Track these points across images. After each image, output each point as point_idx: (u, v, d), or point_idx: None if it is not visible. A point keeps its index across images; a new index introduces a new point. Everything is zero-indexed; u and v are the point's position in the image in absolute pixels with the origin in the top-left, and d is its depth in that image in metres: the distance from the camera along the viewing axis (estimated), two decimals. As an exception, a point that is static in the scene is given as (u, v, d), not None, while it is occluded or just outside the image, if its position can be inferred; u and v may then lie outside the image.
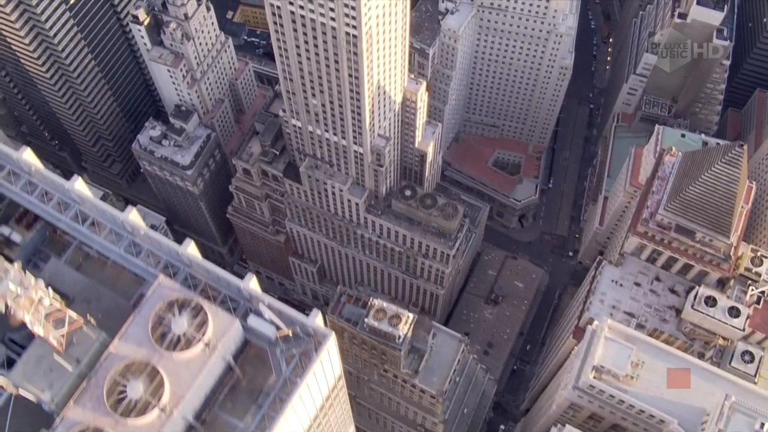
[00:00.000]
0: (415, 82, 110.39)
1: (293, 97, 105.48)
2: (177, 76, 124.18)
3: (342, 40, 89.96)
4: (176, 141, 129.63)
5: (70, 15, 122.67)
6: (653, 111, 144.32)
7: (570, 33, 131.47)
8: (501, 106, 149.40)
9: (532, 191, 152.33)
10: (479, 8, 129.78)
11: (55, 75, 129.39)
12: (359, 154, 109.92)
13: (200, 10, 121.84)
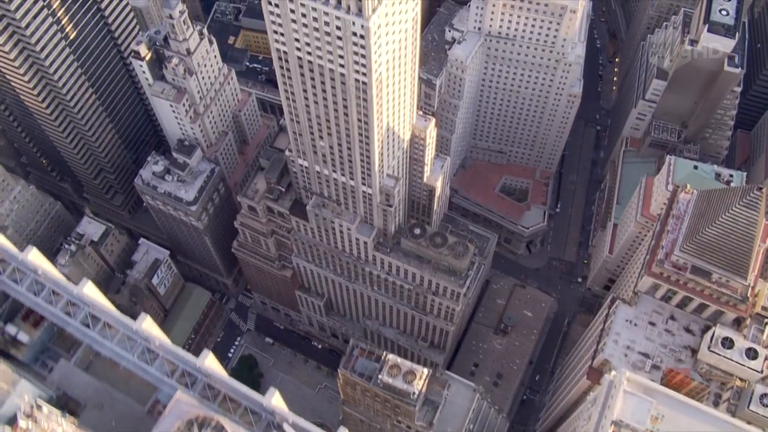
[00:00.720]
0: (424, 119, 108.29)
1: (300, 138, 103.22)
2: (180, 111, 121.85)
3: (351, 86, 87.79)
4: (179, 176, 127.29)
5: (70, 51, 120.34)
6: (662, 136, 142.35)
7: (579, 62, 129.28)
8: (508, 133, 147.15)
9: (540, 218, 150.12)
10: (486, 37, 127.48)
11: (56, 110, 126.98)
12: (368, 195, 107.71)
13: (203, 44, 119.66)
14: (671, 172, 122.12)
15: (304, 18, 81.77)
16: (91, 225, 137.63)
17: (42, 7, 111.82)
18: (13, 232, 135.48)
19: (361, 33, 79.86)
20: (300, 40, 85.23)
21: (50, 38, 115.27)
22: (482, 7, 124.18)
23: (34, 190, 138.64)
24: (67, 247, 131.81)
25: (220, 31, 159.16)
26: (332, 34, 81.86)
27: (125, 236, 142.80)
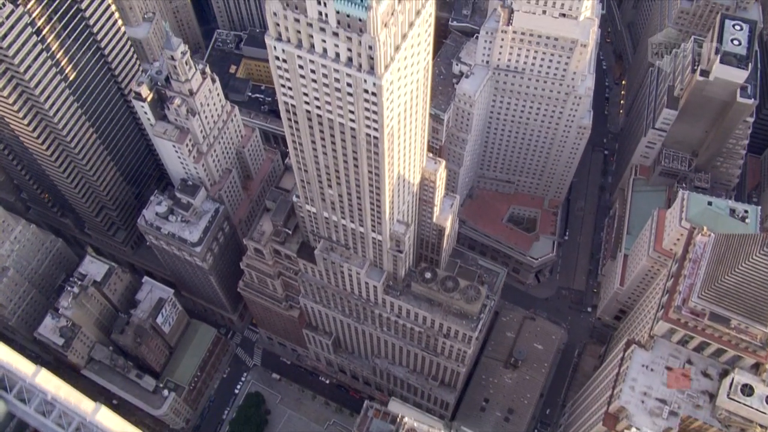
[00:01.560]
0: (434, 162, 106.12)
1: (308, 185, 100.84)
2: (183, 151, 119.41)
3: (362, 140, 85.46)
4: (183, 216, 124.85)
5: (70, 92, 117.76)
6: (673, 165, 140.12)
7: (589, 94, 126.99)
8: (516, 163, 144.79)
9: (549, 248, 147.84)
10: (495, 71, 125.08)
11: (56, 151, 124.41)
12: (378, 241, 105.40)
13: (205, 83, 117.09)
14: (684, 208, 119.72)
15: (313, 74, 79.39)
16: (94, 264, 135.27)
17: (41, 50, 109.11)
18: (14, 273, 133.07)
19: (374, 90, 77.50)
20: (309, 95, 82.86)
21: (49, 81, 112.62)
22: (490, 41, 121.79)
23: (35, 229, 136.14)
24: (69, 290, 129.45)
25: (221, 59, 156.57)
26: (343, 90, 79.52)
27: (128, 274, 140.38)
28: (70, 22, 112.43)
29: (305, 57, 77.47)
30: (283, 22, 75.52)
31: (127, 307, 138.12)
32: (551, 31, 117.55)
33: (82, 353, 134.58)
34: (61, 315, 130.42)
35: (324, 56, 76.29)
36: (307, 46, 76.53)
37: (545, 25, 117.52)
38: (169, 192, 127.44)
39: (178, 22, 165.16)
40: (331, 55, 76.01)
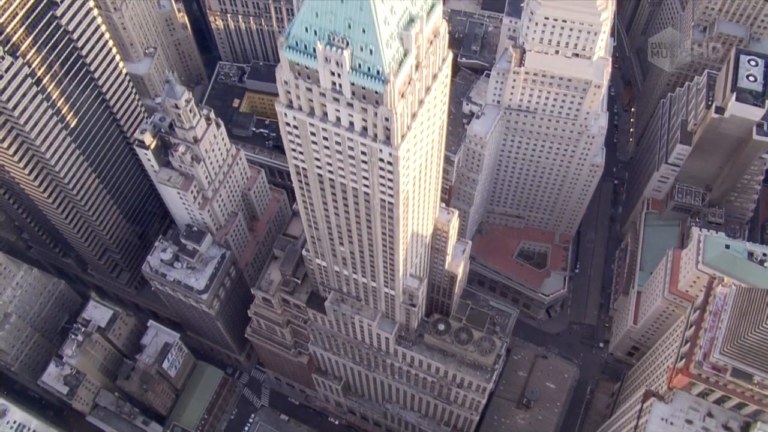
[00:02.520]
0: (447, 212, 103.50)
1: (318, 242, 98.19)
2: (188, 198, 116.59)
3: (376, 205, 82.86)
4: (189, 263, 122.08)
5: (71, 139, 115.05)
6: (686, 200, 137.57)
7: (602, 133, 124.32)
8: (527, 200, 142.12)
9: (561, 284, 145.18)
10: (506, 110, 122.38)
11: (57, 198, 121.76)
12: (390, 295, 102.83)
13: (210, 129, 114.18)
14: (701, 251, 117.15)
15: (326, 141, 76.73)
16: (98, 310, 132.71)
17: (41, 100, 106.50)
18: (17, 319, 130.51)
19: (389, 160, 74.93)
20: (321, 160, 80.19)
21: (50, 130, 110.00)
22: (502, 81, 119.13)
23: (37, 273, 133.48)
24: (73, 338, 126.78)
25: (223, 93, 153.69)
26: (357, 158, 76.92)
27: (133, 318, 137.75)
28: (72, 68, 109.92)
29: (318, 125, 74.82)
30: (295, 90, 72.68)
31: (133, 351, 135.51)
32: (564, 72, 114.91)
33: (87, 400, 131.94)
34: (65, 363, 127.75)
35: (337, 125, 73.66)
36: (319, 114, 73.84)
37: (558, 66, 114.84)
38: (174, 237, 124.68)
39: (180, 54, 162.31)
40: (345, 125, 73.39)
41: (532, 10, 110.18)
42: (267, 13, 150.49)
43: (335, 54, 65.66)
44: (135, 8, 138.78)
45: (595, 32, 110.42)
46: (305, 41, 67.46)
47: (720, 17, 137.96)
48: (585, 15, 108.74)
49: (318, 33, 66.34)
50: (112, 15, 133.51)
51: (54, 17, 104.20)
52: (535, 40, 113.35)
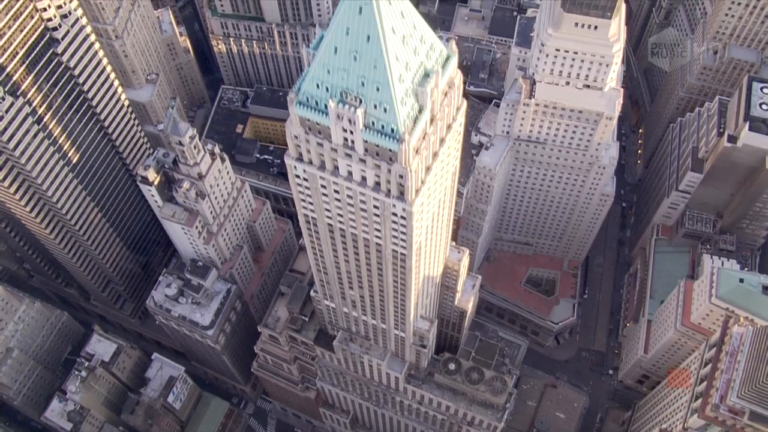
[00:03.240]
0: (458, 251, 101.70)
1: (327, 285, 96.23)
2: (192, 234, 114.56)
3: (388, 255, 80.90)
4: (194, 298, 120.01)
5: (73, 175, 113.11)
6: (697, 227, 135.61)
7: (613, 163, 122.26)
8: (536, 227, 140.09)
9: (570, 312, 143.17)
10: (516, 141, 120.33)
11: (59, 233, 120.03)
12: (400, 337, 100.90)
13: (215, 165, 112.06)
14: (715, 284, 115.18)
15: (337, 194, 74.70)
16: (101, 344, 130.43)
17: (42, 138, 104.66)
18: (19, 353, 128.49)
19: (403, 215, 72.97)
20: (332, 211, 78.17)
21: (51, 168, 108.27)
22: (512, 112, 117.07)
23: (39, 306, 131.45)
24: (77, 373, 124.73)
25: (227, 118, 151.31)
26: (369, 211, 74.97)
27: (137, 351, 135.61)
28: (73, 104, 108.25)
29: (328, 179, 72.79)
30: (305, 145, 70.64)
31: (137, 384, 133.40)
32: (575, 103, 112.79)
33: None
34: (69, 399, 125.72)
35: (349, 180, 71.63)
36: (330, 168, 71.80)
37: (569, 98, 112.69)
38: (178, 266, 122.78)
39: (182, 78, 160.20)
40: (357, 179, 71.40)
41: (543, 42, 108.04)
42: (270, 37, 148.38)
43: (348, 112, 63.68)
44: (137, 35, 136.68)
45: (607, 64, 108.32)
46: (316, 97, 65.49)
47: (731, 41, 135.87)
48: (597, 47, 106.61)
49: (330, 90, 64.39)
50: (113, 43, 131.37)
51: (55, 54, 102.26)
52: (545, 71, 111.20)
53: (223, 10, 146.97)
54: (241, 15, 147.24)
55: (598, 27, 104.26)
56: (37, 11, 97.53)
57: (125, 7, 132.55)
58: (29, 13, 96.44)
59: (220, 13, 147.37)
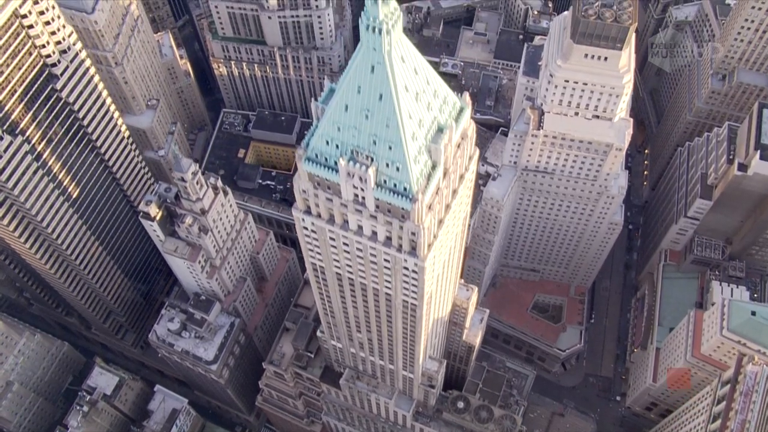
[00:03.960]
0: (466, 289, 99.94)
1: (334, 327, 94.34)
2: (195, 268, 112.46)
3: (398, 305, 79.05)
4: (197, 332, 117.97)
5: (73, 210, 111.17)
6: (706, 254, 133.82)
7: (622, 193, 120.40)
8: (542, 254, 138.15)
9: (577, 339, 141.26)
10: (523, 171, 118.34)
11: (60, 267, 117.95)
12: (408, 378, 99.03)
13: (217, 199, 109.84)
14: (725, 316, 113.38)
15: (346, 246, 72.80)
16: (103, 376, 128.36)
17: (42, 176, 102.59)
18: (19, 386, 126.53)
19: (415, 269, 71.07)
20: (340, 262, 76.29)
21: (51, 204, 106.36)
22: (519, 143, 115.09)
23: (40, 338, 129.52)
24: (79, 408, 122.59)
25: (228, 142, 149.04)
26: (379, 264, 73.08)
27: (139, 382, 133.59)
28: (73, 139, 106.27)
29: (338, 233, 70.86)
30: (314, 199, 68.69)
31: (140, 416, 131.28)
32: (584, 135, 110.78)
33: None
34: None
35: (359, 234, 69.71)
36: (339, 222, 69.91)
37: (578, 129, 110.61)
38: (180, 294, 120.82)
39: (183, 102, 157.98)
40: (367, 234, 69.50)
41: (552, 73, 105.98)
42: (272, 60, 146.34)
43: (359, 170, 61.80)
44: (137, 61, 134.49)
45: (617, 95, 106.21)
46: (326, 154, 63.61)
47: (740, 65, 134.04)
48: (607, 78, 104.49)
49: (340, 147, 62.50)
50: (113, 70, 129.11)
51: (54, 90, 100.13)
52: (554, 101, 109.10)
53: (224, 33, 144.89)
54: (243, 38, 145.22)
55: (608, 58, 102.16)
56: (35, 48, 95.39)
57: (125, 33, 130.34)
58: (28, 50, 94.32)
59: (221, 37, 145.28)
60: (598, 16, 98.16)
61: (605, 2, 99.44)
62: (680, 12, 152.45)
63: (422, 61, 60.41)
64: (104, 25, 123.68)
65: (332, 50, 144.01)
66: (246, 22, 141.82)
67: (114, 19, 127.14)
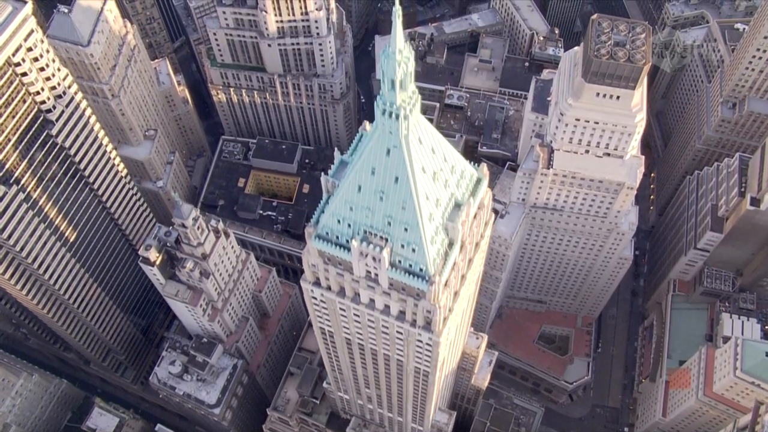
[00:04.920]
0: (476, 337, 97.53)
1: (341, 382, 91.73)
2: (197, 312, 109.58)
3: (410, 371, 76.47)
4: (199, 375, 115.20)
5: (71, 255, 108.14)
6: (716, 285, 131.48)
7: (632, 229, 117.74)
8: (549, 287, 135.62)
9: (584, 371, 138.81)
10: (532, 208, 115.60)
11: (57, 311, 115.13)
12: (418, 430, 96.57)
13: (219, 243, 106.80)
14: (739, 356, 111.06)
15: (357, 317, 70.22)
16: (103, 417, 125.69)
17: (38, 223, 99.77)
18: (17, 428, 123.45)
19: (429, 343, 68.47)
20: (350, 330, 73.71)
21: (48, 251, 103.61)
22: (528, 181, 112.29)
23: (37, 379, 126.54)
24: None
25: (228, 171, 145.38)
26: (391, 336, 70.46)
27: (140, 421, 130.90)
28: (69, 183, 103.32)
29: (348, 305, 68.18)
30: (324, 273, 66.00)
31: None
32: (595, 174, 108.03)
33: None
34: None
35: (371, 308, 67.12)
36: (351, 295, 67.31)
37: (588, 167, 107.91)
38: (180, 329, 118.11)
39: (181, 129, 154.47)
40: (380, 308, 66.91)
41: (562, 111, 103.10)
42: (272, 87, 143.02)
43: (372, 251, 59.07)
44: (134, 91, 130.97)
45: (629, 133, 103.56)
46: (337, 232, 60.91)
47: (750, 94, 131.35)
48: (619, 117, 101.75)
49: (352, 227, 59.79)
50: (109, 102, 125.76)
51: (49, 136, 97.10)
52: (564, 139, 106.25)
53: (222, 60, 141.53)
54: (242, 65, 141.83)
55: (621, 97, 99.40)
56: (29, 95, 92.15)
57: (122, 64, 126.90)
58: (21, 97, 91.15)
59: (219, 64, 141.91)
60: (611, 55, 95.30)
61: (617, 40, 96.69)
62: (687, 36, 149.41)
63: (439, 138, 57.71)
64: (100, 57, 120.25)
65: (333, 77, 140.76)
66: (245, 49, 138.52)
67: (110, 50, 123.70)
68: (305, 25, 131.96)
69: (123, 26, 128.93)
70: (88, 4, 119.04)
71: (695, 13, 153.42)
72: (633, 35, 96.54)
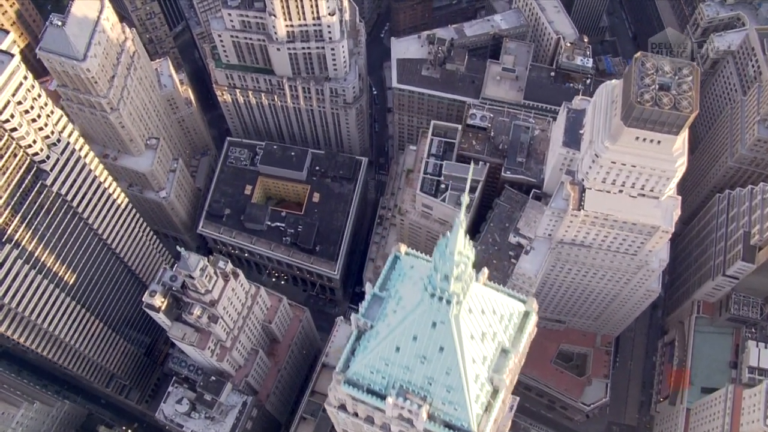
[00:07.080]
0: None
1: None
2: (205, 354, 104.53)
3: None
4: (208, 413, 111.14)
5: (71, 298, 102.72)
6: (743, 312, 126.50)
7: (663, 266, 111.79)
8: (569, 309, 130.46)
9: (602, 392, 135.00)
10: (558, 243, 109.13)
11: (58, 351, 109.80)
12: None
13: (228, 286, 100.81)
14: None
15: None
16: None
17: (35, 275, 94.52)
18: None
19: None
20: None
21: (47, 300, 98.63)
22: (557, 220, 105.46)
23: (39, 406, 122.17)
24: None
25: (234, 177, 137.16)
26: None
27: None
28: (67, 228, 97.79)
29: None
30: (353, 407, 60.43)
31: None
32: (628, 216, 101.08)
33: None
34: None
35: (402, 438, 61.65)
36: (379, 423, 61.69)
37: (622, 209, 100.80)
38: (189, 381, 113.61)
39: (184, 130, 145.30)
40: (413, 439, 61.41)
41: (597, 153, 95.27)
42: (280, 89, 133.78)
43: (409, 406, 53.39)
44: (134, 101, 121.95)
45: (668, 177, 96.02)
46: (370, 382, 55.22)
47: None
48: (659, 162, 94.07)
49: (387, 379, 53.92)
50: (108, 116, 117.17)
51: (44, 186, 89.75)
52: (597, 179, 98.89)
53: (228, 60, 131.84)
54: (248, 66, 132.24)
55: (663, 142, 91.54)
56: (20, 148, 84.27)
57: (120, 75, 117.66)
58: (12, 152, 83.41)
59: (224, 65, 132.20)
60: (655, 101, 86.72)
61: (662, 83, 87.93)
62: (722, 40, 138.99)
63: (489, 295, 51.19)
64: (97, 71, 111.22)
65: (346, 81, 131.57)
66: (252, 50, 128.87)
67: (108, 61, 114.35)
68: (317, 30, 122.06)
69: (121, 32, 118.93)
70: (83, 14, 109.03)
71: (731, 14, 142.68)
72: (679, 78, 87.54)
